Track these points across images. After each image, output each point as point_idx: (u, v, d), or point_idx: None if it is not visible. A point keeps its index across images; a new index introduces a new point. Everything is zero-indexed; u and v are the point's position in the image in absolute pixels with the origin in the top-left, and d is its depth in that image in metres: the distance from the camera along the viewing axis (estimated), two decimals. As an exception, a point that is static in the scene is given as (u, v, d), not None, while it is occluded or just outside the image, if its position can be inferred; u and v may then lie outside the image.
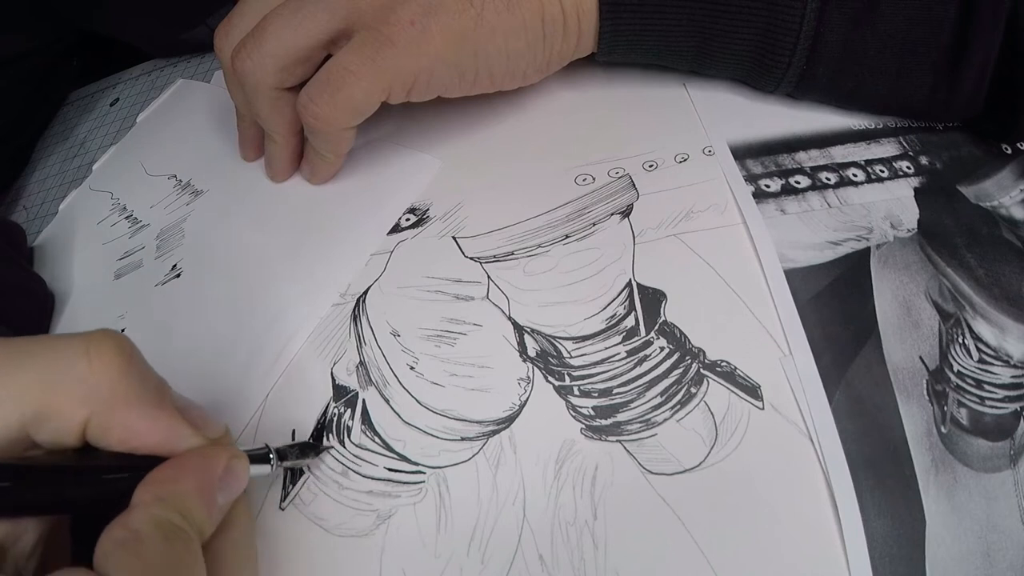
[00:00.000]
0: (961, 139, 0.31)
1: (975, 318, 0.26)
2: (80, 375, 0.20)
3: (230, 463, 0.22)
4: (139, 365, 0.21)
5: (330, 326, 0.30)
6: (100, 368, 0.20)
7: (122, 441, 0.20)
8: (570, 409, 0.26)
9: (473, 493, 0.25)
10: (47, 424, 0.20)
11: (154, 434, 0.21)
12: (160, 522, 0.19)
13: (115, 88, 0.51)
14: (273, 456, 0.24)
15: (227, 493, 0.21)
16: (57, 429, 0.20)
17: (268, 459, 0.24)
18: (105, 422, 0.20)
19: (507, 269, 0.29)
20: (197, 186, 0.38)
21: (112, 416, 0.20)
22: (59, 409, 0.20)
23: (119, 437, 0.20)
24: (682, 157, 0.31)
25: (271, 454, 0.24)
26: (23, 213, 0.45)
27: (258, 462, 0.23)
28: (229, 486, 0.21)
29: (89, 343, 0.20)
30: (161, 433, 0.21)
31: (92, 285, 0.36)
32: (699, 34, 0.30)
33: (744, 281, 0.27)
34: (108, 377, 0.20)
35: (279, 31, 0.29)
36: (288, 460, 0.25)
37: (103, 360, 0.20)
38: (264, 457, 0.24)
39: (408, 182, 0.33)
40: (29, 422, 0.20)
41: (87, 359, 0.20)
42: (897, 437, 0.24)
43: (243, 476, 0.22)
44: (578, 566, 0.23)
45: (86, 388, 0.20)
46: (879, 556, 0.22)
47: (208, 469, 0.21)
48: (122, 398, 0.20)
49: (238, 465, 0.22)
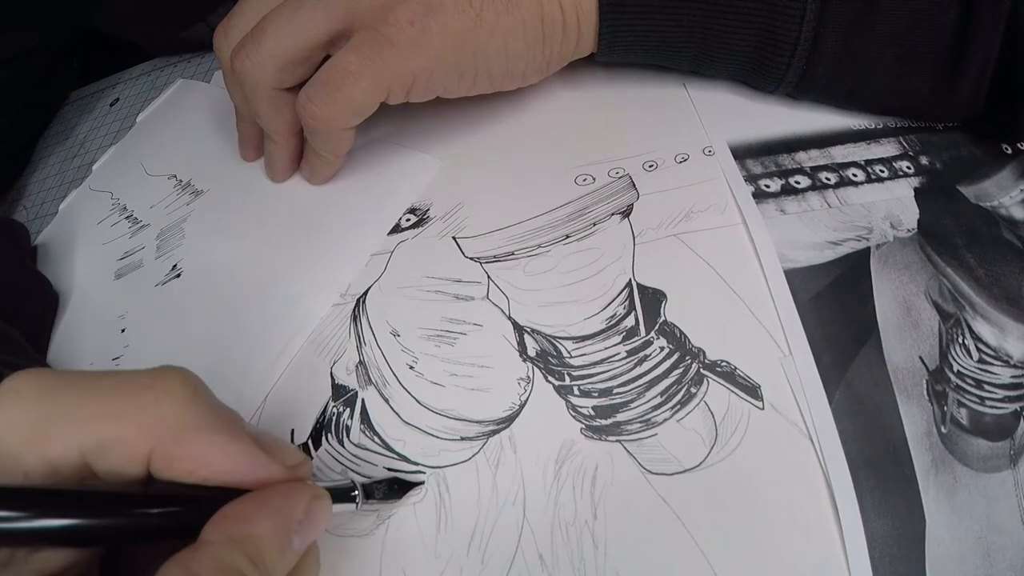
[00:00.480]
0: (961, 139, 0.31)
1: (975, 318, 0.26)
2: (144, 404, 0.19)
3: (311, 504, 0.20)
4: (206, 396, 0.20)
5: (330, 326, 0.30)
6: (165, 398, 0.19)
7: (191, 472, 0.19)
8: (570, 409, 0.26)
9: (473, 493, 0.25)
10: (109, 454, 0.19)
11: (227, 462, 0.19)
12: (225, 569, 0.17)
13: (115, 88, 0.51)
14: (359, 494, 0.22)
15: (304, 537, 0.19)
16: (119, 459, 0.19)
17: (352, 497, 0.22)
18: (171, 452, 0.19)
19: (507, 269, 0.29)
20: (197, 186, 0.38)
21: (179, 446, 0.19)
22: (121, 439, 0.19)
23: (188, 467, 0.19)
24: (682, 157, 0.31)
25: (356, 491, 0.22)
26: (23, 213, 0.45)
27: (340, 499, 0.21)
28: (308, 530, 0.20)
29: (155, 376, 0.20)
30: (235, 460, 0.19)
31: (92, 285, 0.36)
32: (699, 34, 0.30)
33: (744, 281, 0.27)
34: (173, 406, 0.19)
35: (278, 31, 0.29)
36: (374, 499, 0.23)
37: (168, 389, 0.19)
38: (347, 494, 0.22)
39: (408, 182, 0.33)
40: (90, 451, 0.19)
41: (152, 389, 0.19)
42: (897, 437, 0.24)
43: (324, 518, 0.20)
44: (578, 566, 0.23)
45: (150, 418, 0.19)
46: (879, 556, 0.22)
47: (288, 509, 0.19)
48: (191, 426, 0.19)
49: (320, 507, 0.20)
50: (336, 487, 0.22)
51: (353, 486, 0.22)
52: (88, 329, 0.34)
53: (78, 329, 0.34)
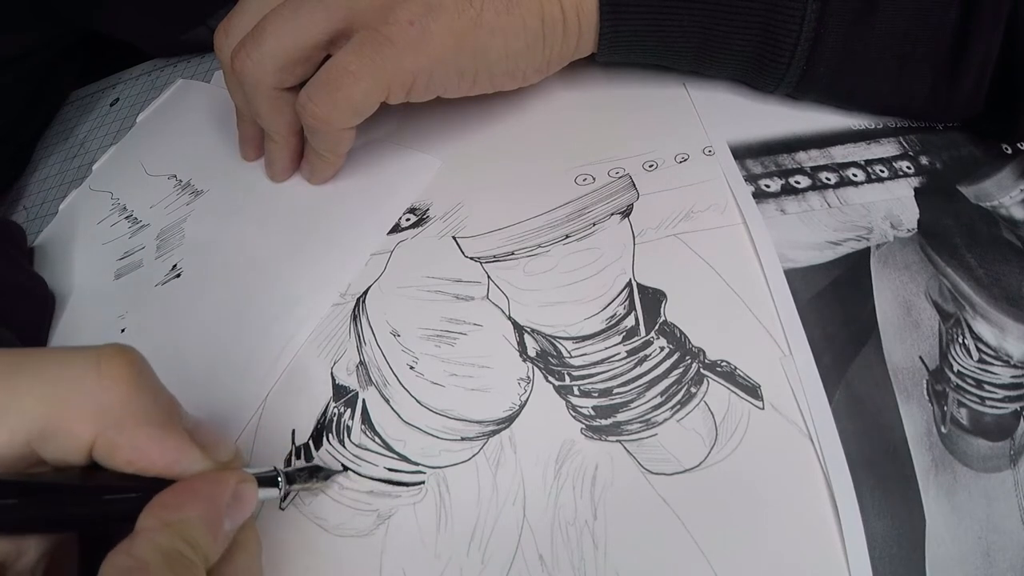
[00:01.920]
0: (961, 139, 0.31)
1: (975, 318, 0.26)
2: (89, 390, 0.19)
3: (238, 488, 0.21)
4: (150, 381, 0.21)
5: (330, 326, 0.30)
6: (110, 384, 0.19)
7: (129, 462, 0.20)
8: (570, 409, 0.26)
9: (473, 493, 0.25)
10: (54, 441, 0.19)
11: (162, 456, 0.20)
12: (165, 551, 0.18)
13: (115, 88, 0.51)
14: (281, 480, 0.23)
15: (234, 519, 0.21)
16: (64, 447, 0.19)
17: (276, 483, 0.23)
18: (113, 441, 0.19)
19: (507, 269, 0.29)
20: (197, 186, 0.38)
21: (120, 435, 0.19)
22: (67, 426, 0.19)
23: (127, 457, 0.20)
24: (682, 157, 0.31)
25: (279, 477, 0.23)
26: (23, 213, 0.45)
27: (266, 485, 0.23)
28: (236, 512, 0.21)
29: (100, 357, 0.20)
30: (169, 455, 0.20)
31: (92, 285, 0.36)
32: (699, 34, 0.30)
33: (744, 281, 0.27)
34: (118, 394, 0.19)
35: (278, 31, 0.29)
36: (297, 483, 0.24)
37: (113, 376, 0.20)
38: (272, 480, 0.23)
39: (408, 182, 0.33)
40: (36, 438, 0.19)
41: (97, 374, 0.19)
42: (897, 437, 0.24)
43: (251, 501, 0.21)
44: (578, 566, 0.23)
45: (95, 405, 0.19)
46: (879, 556, 0.22)
47: (215, 495, 0.20)
48: (131, 417, 0.20)
49: (246, 490, 0.21)
50: (260, 474, 0.23)
51: (276, 472, 0.23)
52: (88, 329, 0.34)
53: (78, 329, 0.34)
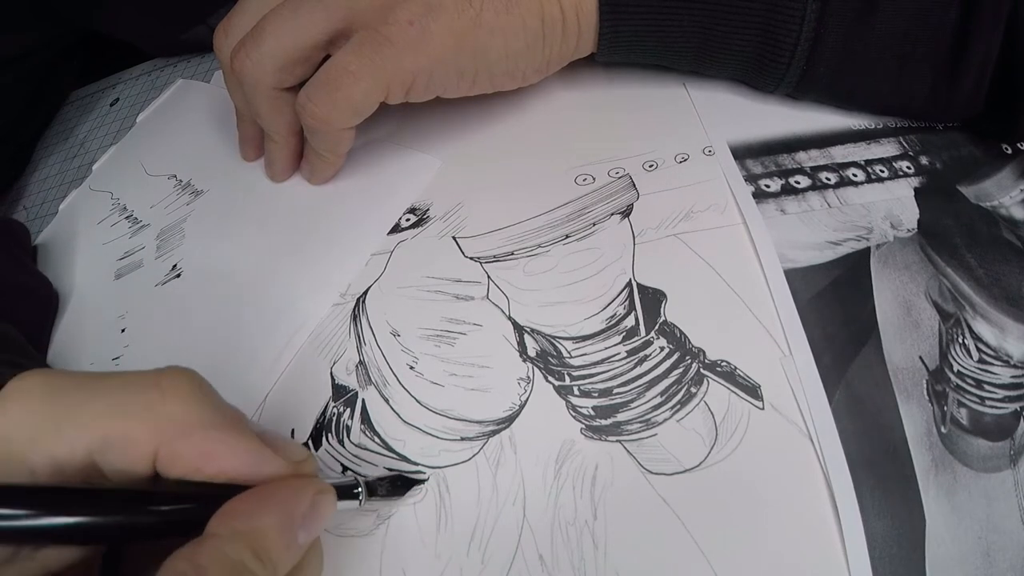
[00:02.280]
0: (961, 139, 0.31)
1: (975, 318, 0.26)
2: (150, 403, 0.19)
3: (316, 498, 0.20)
4: (211, 394, 0.20)
5: (330, 326, 0.30)
6: (171, 396, 0.19)
7: (197, 469, 0.19)
8: (570, 409, 0.26)
9: (473, 493, 0.25)
10: (115, 452, 0.19)
11: (233, 458, 0.19)
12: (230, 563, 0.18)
13: (115, 88, 0.51)
14: (362, 491, 0.22)
15: (309, 531, 0.20)
16: (125, 457, 0.19)
17: (355, 494, 0.22)
18: (177, 450, 0.19)
19: (507, 269, 0.29)
20: (197, 186, 0.38)
21: (185, 443, 0.19)
22: (128, 437, 0.19)
23: (194, 464, 0.19)
24: (682, 157, 0.31)
25: (358, 488, 0.22)
26: (23, 213, 0.45)
27: (344, 496, 0.21)
28: (312, 523, 0.20)
29: (160, 375, 0.20)
30: (240, 457, 0.19)
31: (92, 285, 0.36)
32: (699, 35, 0.30)
33: (744, 281, 0.27)
34: (179, 404, 0.19)
35: (278, 31, 0.29)
36: (377, 496, 0.23)
37: (175, 389, 0.19)
38: (350, 490, 0.22)
39: (408, 182, 0.33)
40: (97, 450, 0.19)
41: (158, 387, 0.19)
42: (897, 437, 0.24)
43: (328, 513, 0.20)
44: (578, 566, 0.23)
45: (156, 416, 0.19)
46: (879, 556, 0.22)
47: (292, 503, 0.19)
48: (196, 423, 0.19)
49: (324, 501, 0.20)
50: (340, 484, 0.22)
51: (356, 483, 0.22)
52: (88, 329, 0.34)
53: (78, 329, 0.34)
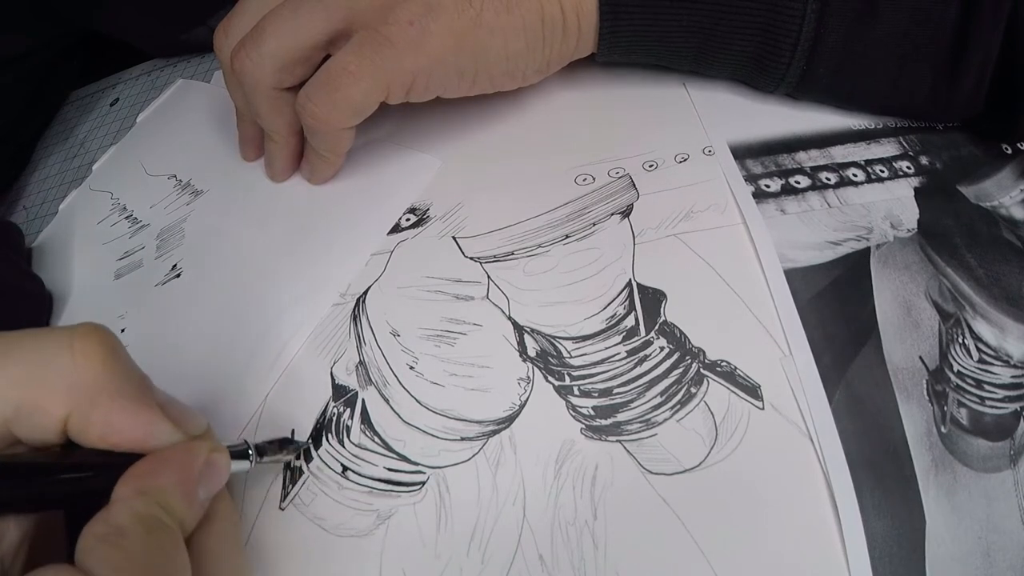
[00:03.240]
0: (961, 139, 0.31)
1: (975, 318, 0.26)
2: (63, 368, 0.20)
3: (210, 456, 0.21)
4: (122, 359, 0.21)
5: (330, 326, 0.30)
6: (83, 361, 0.20)
7: (102, 437, 0.20)
8: (570, 409, 0.26)
9: (473, 493, 0.25)
10: (29, 420, 0.20)
11: (134, 430, 0.20)
12: (142, 516, 0.19)
13: (115, 88, 0.51)
14: (252, 452, 0.24)
15: (208, 487, 0.21)
16: (39, 425, 0.20)
17: (247, 455, 0.24)
18: (86, 417, 0.20)
19: (507, 269, 0.29)
20: (197, 186, 0.38)
21: (93, 411, 0.20)
22: (41, 404, 0.19)
23: (99, 433, 0.20)
24: (682, 157, 0.31)
25: (250, 449, 0.24)
26: (23, 213, 0.45)
27: (239, 458, 0.23)
28: (210, 479, 0.21)
29: (73, 336, 0.20)
30: (141, 429, 0.21)
31: (92, 285, 0.36)
32: (699, 35, 0.30)
33: (744, 281, 0.27)
34: (91, 371, 0.20)
35: (278, 31, 0.29)
36: (267, 455, 0.25)
37: (86, 353, 0.20)
38: (244, 453, 0.24)
39: (408, 182, 0.33)
40: (11, 418, 0.19)
41: (71, 352, 0.20)
42: (897, 437, 0.24)
43: (224, 470, 0.22)
44: (578, 566, 0.23)
45: (68, 382, 0.20)
46: (879, 556, 0.22)
47: (188, 463, 0.21)
48: (104, 392, 0.20)
49: (218, 458, 0.22)
50: (233, 447, 0.23)
51: (247, 445, 0.24)
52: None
53: (78, 329, 0.34)
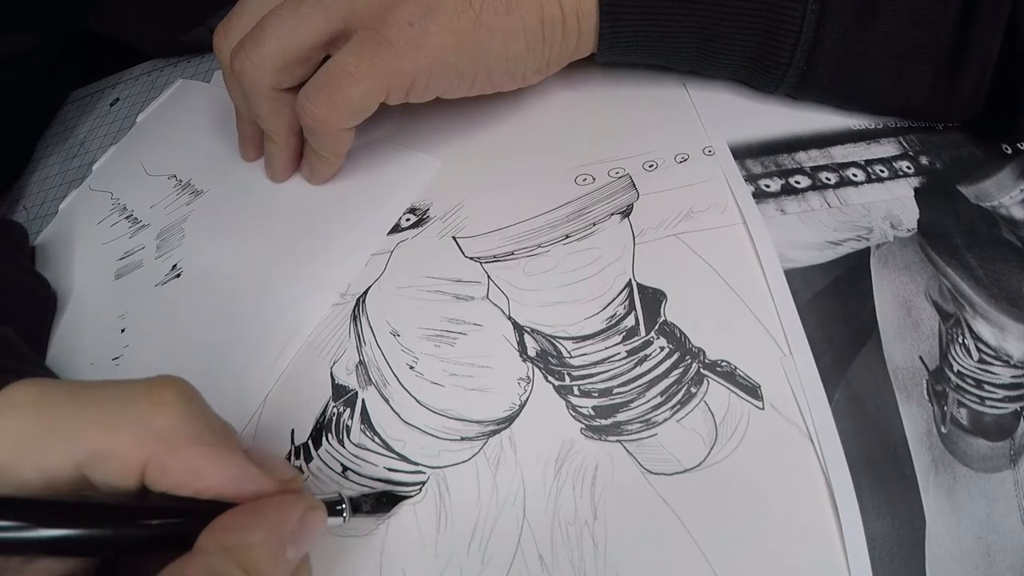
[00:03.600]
0: (961, 139, 0.31)
1: (975, 318, 0.26)
2: (139, 415, 0.19)
3: (305, 515, 0.20)
4: (201, 407, 0.20)
5: (330, 326, 0.30)
6: (161, 408, 0.19)
7: (184, 484, 0.19)
8: (570, 409, 0.26)
9: (473, 493, 0.25)
10: (104, 465, 0.19)
11: (221, 475, 0.19)
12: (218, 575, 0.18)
13: (115, 88, 0.51)
14: (346, 507, 0.22)
15: (298, 548, 0.20)
16: (114, 470, 0.19)
17: (339, 511, 0.22)
18: (165, 464, 0.19)
19: (507, 269, 0.29)
20: (197, 186, 0.38)
21: (174, 457, 0.19)
22: (116, 449, 0.19)
23: (181, 479, 0.19)
24: (682, 157, 0.31)
25: (343, 504, 0.22)
26: (23, 213, 0.45)
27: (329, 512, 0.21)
28: (302, 539, 0.20)
29: (150, 385, 0.20)
30: (229, 474, 0.19)
31: (92, 285, 0.36)
32: (699, 35, 0.30)
33: (744, 281, 0.27)
34: (168, 417, 0.19)
35: (278, 31, 0.29)
36: (361, 512, 0.23)
37: (164, 400, 0.19)
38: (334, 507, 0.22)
39: (408, 182, 0.33)
40: (85, 462, 0.19)
41: (147, 399, 0.19)
42: (897, 437, 0.24)
43: (318, 529, 0.20)
44: (578, 566, 0.23)
45: (145, 428, 0.19)
46: (879, 556, 0.22)
47: (281, 519, 0.19)
48: (185, 438, 0.19)
49: (314, 517, 0.20)
50: (325, 500, 0.22)
51: (341, 499, 0.22)
52: (88, 329, 0.34)
53: (78, 329, 0.34)
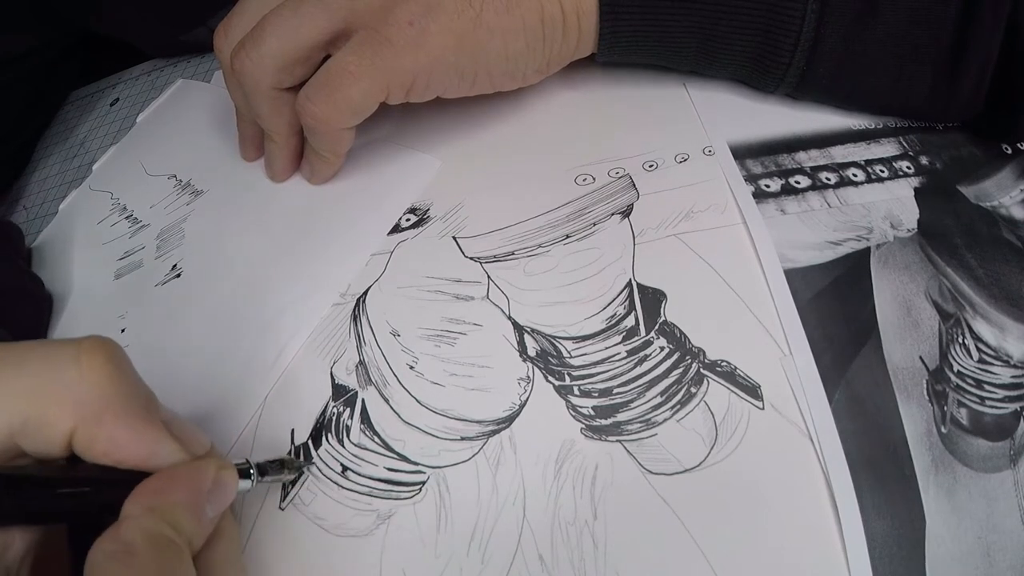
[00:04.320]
0: (961, 139, 0.31)
1: (975, 318, 0.26)
2: (69, 382, 0.20)
3: (219, 475, 0.21)
4: (129, 375, 0.21)
5: (330, 326, 0.30)
6: (90, 376, 0.20)
7: (107, 453, 0.20)
8: (570, 409, 0.26)
9: (473, 493, 0.25)
10: (35, 434, 0.19)
11: (139, 448, 0.20)
12: (151, 534, 0.19)
13: (115, 88, 0.51)
14: (254, 471, 0.24)
15: (216, 505, 0.21)
16: (45, 439, 0.20)
17: (249, 475, 0.23)
18: (92, 433, 0.20)
19: (507, 269, 0.29)
20: (197, 186, 0.38)
21: (99, 427, 0.20)
22: (48, 418, 0.19)
23: (104, 449, 0.20)
24: (682, 157, 0.31)
25: (252, 469, 0.24)
26: (23, 213, 0.45)
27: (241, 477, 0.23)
28: (218, 498, 0.21)
29: (80, 350, 0.20)
30: (146, 447, 0.20)
31: (92, 285, 0.36)
32: (699, 35, 0.30)
33: (744, 281, 0.27)
34: (97, 386, 0.20)
35: (278, 31, 0.29)
36: (269, 475, 0.25)
37: (93, 367, 0.20)
38: (245, 472, 0.23)
39: (408, 182, 0.33)
40: (18, 431, 0.19)
41: (77, 366, 0.20)
42: (897, 437, 0.24)
43: (231, 488, 0.22)
44: (578, 566, 0.23)
45: (75, 397, 0.20)
46: (879, 556, 0.22)
47: (197, 481, 0.21)
48: (109, 408, 0.20)
49: (227, 476, 0.22)
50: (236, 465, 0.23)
51: (249, 464, 0.24)
52: (88, 329, 0.34)
53: (78, 329, 0.34)
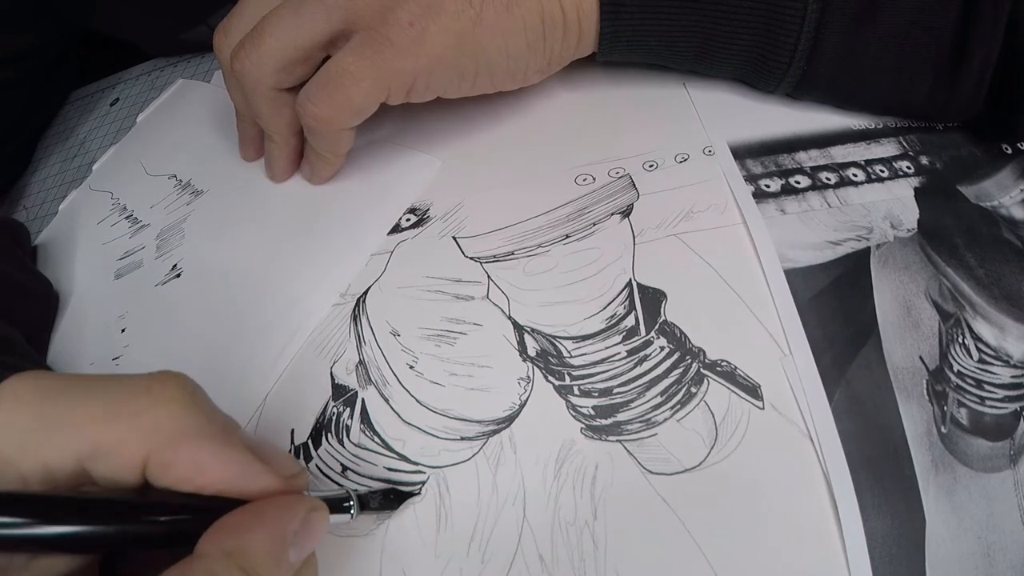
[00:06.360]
0: (961, 139, 0.31)
1: (975, 318, 0.26)
2: (140, 409, 0.19)
3: (308, 516, 0.20)
4: (203, 402, 0.20)
5: (330, 326, 0.30)
6: (162, 403, 0.19)
7: (186, 479, 0.19)
8: (570, 409, 0.26)
9: (473, 493, 0.25)
10: (106, 459, 0.19)
11: (223, 470, 0.19)
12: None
13: (115, 88, 0.51)
14: (354, 504, 0.22)
15: (300, 550, 0.19)
16: (116, 464, 0.19)
17: (346, 507, 0.21)
18: (167, 459, 0.19)
19: (507, 269, 0.29)
20: (197, 186, 0.38)
21: (176, 452, 0.19)
22: (117, 444, 0.19)
23: (183, 475, 0.19)
24: (682, 157, 0.31)
25: (351, 502, 0.21)
26: (23, 213, 0.45)
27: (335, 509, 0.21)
28: (304, 541, 0.19)
29: (152, 380, 0.20)
30: (231, 469, 0.19)
31: (92, 285, 0.36)
32: (699, 34, 0.30)
33: (744, 281, 0.27)
34: (170, 412, 0.19)
35: (278, 31, 0.29)
36: (369, 509, 0.23)
37: (165, 396, 0.19)
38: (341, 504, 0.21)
39: (408, 182, 0.33)
40: (86, 456, 0.19)
41: (148, 394, 0.19)
42: (897, 437, 0.24)
43: (320, 531, 0.20)
44: (578, 566, 0.23)
45: (146, 423, 0.19)
46: (879, 556, 0.22)
47: (283, 521, 0.19)
48: (186, 433, 0.19)
49: (317, 519, 0.20)
50: (331, 497, 0.21)
51: (348, 496, 0.22)
52: (88, 329, 0.34)
53: (78, 329, 0.34)
